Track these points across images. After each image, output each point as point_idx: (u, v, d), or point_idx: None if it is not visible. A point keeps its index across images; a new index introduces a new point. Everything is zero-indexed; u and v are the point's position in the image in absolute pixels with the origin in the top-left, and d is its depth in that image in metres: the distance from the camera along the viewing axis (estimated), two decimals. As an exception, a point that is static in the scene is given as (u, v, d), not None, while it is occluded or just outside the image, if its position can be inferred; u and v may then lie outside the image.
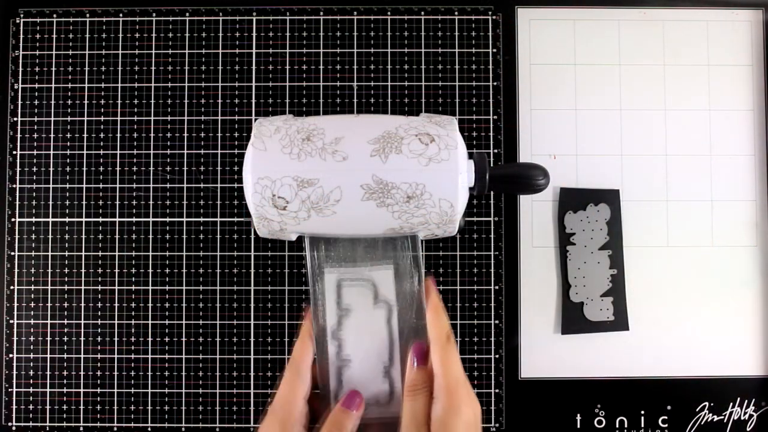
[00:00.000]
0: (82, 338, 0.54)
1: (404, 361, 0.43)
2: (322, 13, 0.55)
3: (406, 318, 0.44)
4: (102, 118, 0.55)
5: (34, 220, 0.54)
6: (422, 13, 0.55)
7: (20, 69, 0.55)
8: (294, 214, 0.41)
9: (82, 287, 0.54)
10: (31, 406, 0.53)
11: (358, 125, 0.43)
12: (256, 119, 0.54)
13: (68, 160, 0.54)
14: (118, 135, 0.54)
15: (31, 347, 0.54)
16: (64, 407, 0.53)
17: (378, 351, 0.44)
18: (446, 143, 0.41)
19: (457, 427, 0.38)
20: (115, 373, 0.53)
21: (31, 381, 0.53)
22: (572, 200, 0.54)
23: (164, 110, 0.55)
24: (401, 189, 0.41)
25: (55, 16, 0.55)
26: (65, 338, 0.53)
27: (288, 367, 0.43)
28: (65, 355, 0.53)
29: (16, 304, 0.54)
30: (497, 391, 0.53)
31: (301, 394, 0.42)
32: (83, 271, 0.54)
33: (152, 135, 0.54)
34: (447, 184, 0.41)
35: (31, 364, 0.53)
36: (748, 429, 0.53)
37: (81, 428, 0.53)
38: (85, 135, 0.54)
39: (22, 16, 0.55)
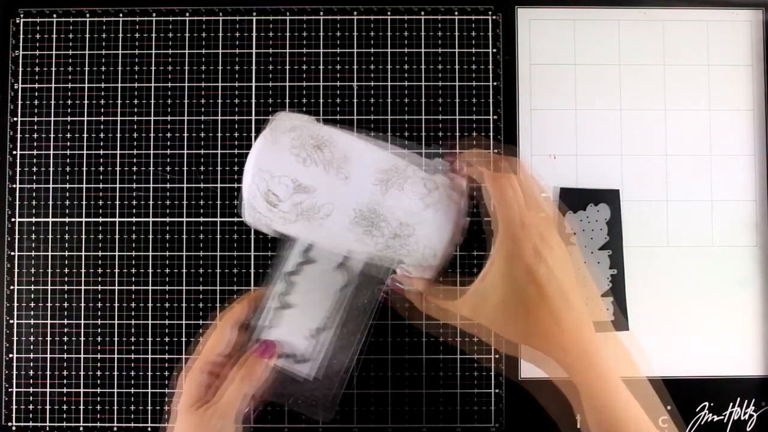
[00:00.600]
0: (82, 338, 0.54)
1: (339, 334, 0.44)
2: (322, 13, 0.55)
3: (359, 296, 0.44)
4: (102, 118, 0.55)
5: (34, 220, 0.54)
6: (422, 13, 0.55)
7: (20, 69, 0.55)
8: (282, 215, 0.41)
9: (82, 287, 0.54)
10: (31, 406, 0.53)
11: (370, 151, 0.42)
12: (269, 116, 0.54)
13: (68, 160, 0.54)
14: (118, 135, 0.54)
15: (31, 347, 0.54)
16: (64, 407, 0.53)
17: (318, 310, 0.45)
18: (449, 195, 0.41)
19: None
20: (115, 373, 0.53)
21: (31, 381, 0.53)
22: (572, 200, 0.54)
23: (164, 110, 0.55)
24: (390, 224, 0.41)
25: (55, 16, 0.55)
26: (65, 338, 0.54)
27: (221, 321, 0.45)
28: (65, 355, 0.53)
29: (16, 304, 0.54)
30: (497, 391, 0.53)
31: (217, 350, 0.44)
32: (83, 271, 0.54)
33: (152, 135, 0.54)
34: (436, 234, 0.41)
35: (31, 364, 0.53)
36: (748, 429, 0.53)
37: (81, 428, 0.53)
38: (85, 135, 0.54)
39: (22, 16, 0.55)
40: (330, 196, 0.40)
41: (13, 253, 0.54)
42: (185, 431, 0.42)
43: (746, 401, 0.53)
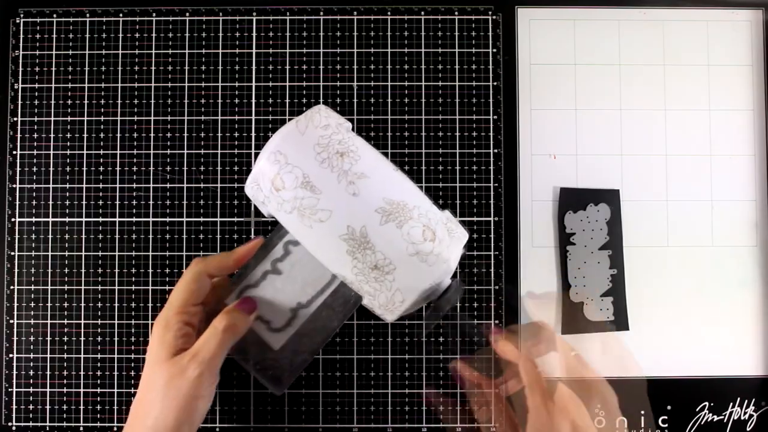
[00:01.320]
0: (82, 338, 0.54)
1: (317, 315, 0.45)
2: (322, 13, 0.55)
3: (346, 288, 0.44)
4: (102, 118, 0.55)
5: (34, 220, 0.54)
6: (422, 13, 0.55)
7: (20, 69, 0.55)
8: (281, 201, 0.41)
9: (82, 287, 0.54)
10: (31, 406, 0.53)
11: (388, 179, 0.42)
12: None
13: (68, 160, 0.54)
14: (118, 135, 0.54)
15: (31, 347, 0.54)
16: (64, 407, 0.53)
17: (305, 286, 0.45)
18: (440, 252, 0.41)
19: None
20: (115, 373, 0.53)
21: (31, 381, 0.53)
22: (572, 200, 0.54)
23: (164, 110, 0.55)
24: (375, 255, 0.41)
25: (55, 16, 0.55)
26: (65, 338, 0.54)
27: (194, 269, 0.44)
28: (65, 355, 0.53)
29: (16, 304, 0.54)
30: (497, 391, 0.53)
31: (192, 300, 0.43)
32: (83, 271, 0.54)
33: (152, 135, 0.54)
34: (413, 284, 0.41)
35: (31, 364, 0.53)
36: (748, 429, 0.53)
37: (81, 428, 0.53)
38: (85, 135, 0.54)
39: (22, 16, 0.55)
40: (332, 204, 0.41)
41: (13, 253, 0.54)
42: (161, 380, 0.41)
43: (746, 401, 0.53)
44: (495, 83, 0.55)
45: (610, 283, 0.54)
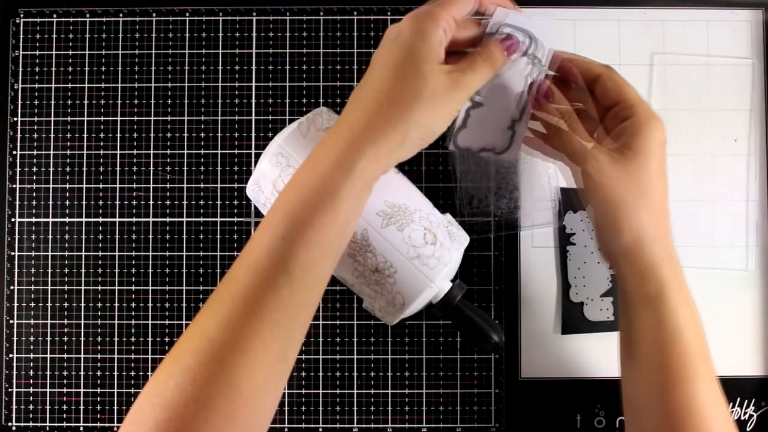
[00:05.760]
0: (82, 338, 0.54)
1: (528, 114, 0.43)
2: (322, 13, 0.55)
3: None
4: (102, 118, 0.55)
5: (34, 220, 0.54)
6: (422, 13, 0.55)
7: (20, 69, 0.55)
8: None
9: (82, 287, 0.54)
10: (31, 406, 0.53)
11: (389, 182, 0.42)
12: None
13: (68, 160, 0.54)
14: (118, 135, 0.54)
15: (31, 347, 0.54)
16: (64, 407, 0.53)
17: (510, 102, 0.43)
18: (441, 255, 0.41)
19: (651, 142, 0.42)
20: (115, 373, 0.53)
21: (31, 381, 0.53)
22: (572, 200, 0.54)
23: (164, 110, 0.55)
24: (376, 258, 0.40)
25: (55, 16, 0.55)
26: (65, 338, 0.54)
27: None
28: (65, 355, 0.53)
29: (16, 304, 0.54)
30: (497, 391, 0.53)
31: (460, 11, 0.39)
32: (83, 271, 0.54)
33: (152, 135, 0.54)
34: (414, 287, 0.41)
35: (31, 364, 0.53)
36: (748, 429, 0.53)
37: (81, 428, 0.53)
38: (85, 135, 0.54)
39: (22, 16, 0.55)
40: None
41: (13, 253, 0.54)
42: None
43: (746, 401, 0.53)
44: (495, 83, 0.55)
45: (610, 283, 0.54)
